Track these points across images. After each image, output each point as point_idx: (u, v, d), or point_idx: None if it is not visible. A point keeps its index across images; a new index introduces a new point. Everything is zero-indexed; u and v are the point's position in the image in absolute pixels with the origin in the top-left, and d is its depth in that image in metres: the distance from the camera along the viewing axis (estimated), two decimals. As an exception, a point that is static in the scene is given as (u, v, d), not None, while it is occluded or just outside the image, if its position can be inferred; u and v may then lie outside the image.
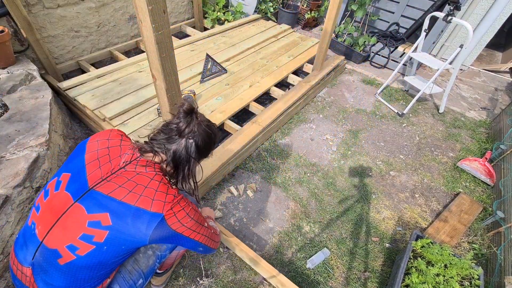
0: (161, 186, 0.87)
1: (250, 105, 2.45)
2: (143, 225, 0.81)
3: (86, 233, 0.80)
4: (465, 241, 1.85)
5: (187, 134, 0.93)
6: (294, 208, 1.93)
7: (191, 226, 0.91)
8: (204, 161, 1.93)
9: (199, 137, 0.95)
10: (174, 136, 0.94)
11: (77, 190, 0.83)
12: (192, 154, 0.96)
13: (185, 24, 3.54)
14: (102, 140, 0.93)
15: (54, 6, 2.32)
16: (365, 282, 1.61)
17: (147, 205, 0.82)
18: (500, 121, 2.64)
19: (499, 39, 4.65)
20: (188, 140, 0.94)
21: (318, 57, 2.82)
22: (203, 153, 1.02)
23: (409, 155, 2.45)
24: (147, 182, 0.86)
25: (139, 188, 0.84)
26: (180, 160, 0.95)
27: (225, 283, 1.52)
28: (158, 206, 0.83)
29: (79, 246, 0.80)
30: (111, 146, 0.92)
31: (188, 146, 0.94)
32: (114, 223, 0.80)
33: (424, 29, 2.73)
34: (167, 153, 0.93)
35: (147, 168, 0.89)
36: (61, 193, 0.84)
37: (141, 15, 0.98)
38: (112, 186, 0.83)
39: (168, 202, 0.85)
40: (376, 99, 3.05)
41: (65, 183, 0.85)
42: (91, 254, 0.81)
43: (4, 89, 1.78)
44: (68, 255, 0.80)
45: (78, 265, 0.81)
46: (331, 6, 2.33)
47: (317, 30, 4.45)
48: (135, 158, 0.90)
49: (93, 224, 0.80)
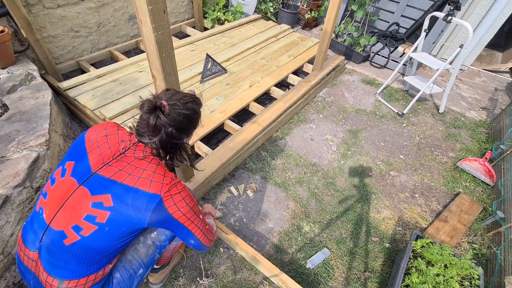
0: (158, 169, 0.91)
1: (250, 105, 2.45)
2: (142, 205, 0.86)
3: (89, 214, 0.84)
4: (465, 241, 1.85)
5: (162, 126, 0.93)
6: (294, 208, 1.93)
7: (186, 212, 0.93)
8: (204, 161, 1.95)
9: (177, 122, 0.94)
10: (153, 130, 0.94)
11: (81, 175, 0.89)
12: (177, 138, 0.97)
13: (185, 24, 3.54)
14: (100, 130, 0.98)
15: (54, 6, 2.32)
16: (365, 282, 1.61)
17: (145, 186, 0.86)
18: (500, 121, 2.64)
19: (499, 39, 4.65)
20: (167, 129, 0.93)
21: (318, 57, 2.82)
22: (189, 129, 1.03)
23: (409, 155, 2.45)
24: (145, 165, 0.91)
25: (138, 171, 0.89)
26: (169, 147, 0.98)
27: (225, 283, 1.52)
28: (156, 187, 0.87)
29: (83, 226, 0.84)
30: (109, 134, 0.97)
31: (170, 134, 0.94)
32: (115, 204, 0.85)
33: (424, 29, 2.73)
34: (155, 142, 0.95)
35: (145, 153, 0.94)
36: (67, 178, 0.89)
37: (141, 15, 0.98)
38: (114, 170, 0.88)
39: (166, 183, 0.89)
40: (376, 99, 3.05)
41: (70, 170, 0.90)
42: (94, 235, 0.85)
43: (4, 89, 1.78)
44: (73, 236, 0.84)
45: (82, 245, 0.85)
46: (331, 6, 2.33)
47: (317, 30, 4.45)
48: (133, 144, 0.95)
49: (96, 205, 0.85)
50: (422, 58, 2.77)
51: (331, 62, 3.14)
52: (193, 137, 2.01)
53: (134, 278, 1.06)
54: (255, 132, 2.17)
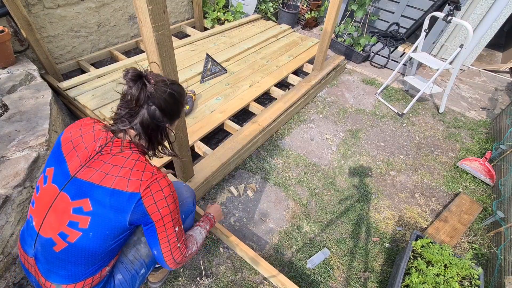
0: (137, 165, 0.85)
1: (250, 105, 2.45)
2: (121, 206, 0.81)
3: (72, 220, 0.82)
4: (465, 241, 1.85)
5: (145, 101, 0.85)
6: (294, 208, 1.93)
7: (164, 216, 0.87)
8: (204, 161, 1.95)
9: (160, 100, 0.86)
10: (134, 108, 0.86)
11: (61, 180, 0.86)
12: (159, 120, 0.89)
13: (185, 24, 3.54)
14: (75, 130, 0.93)
15: (54, 6, 2.32)
16: (365, 282, 1.61)
17: (123, 186, 0.82)
18: (500, 121, 2.64)
19: (499, 39, 4.65)
20: (149, 108, 0.86)
21: (318, 57, 2.82)
22: (172, 115, 0.95)
23: (409, 155, 2.45)
24: (123, 162, 0.85)
25: (115, 169, 0.83)
26: (151, 131, 0.90)
27: (225, 283, 1.52)
28: (135, 185, 0.82)
29: (68, 233, 0.83)
30: (84, 134, 0.91)
31: (152, 114, 0.87)
32: (94, 208, 0.81)
33: (424, 29, 2.73)
34: (134, 127, 0.88)
35: (123, 148, 0.88)
36: (48, 185, 0.87)
37: (141, 15, 0.98)
38: (91, 171, 0.84)
39: (145, 179, 0.84)
40: (376, 99, 3.05)
41: (51, 176, 0.88)
42: (80, 241, 0.83)
43: (4, 89, 1.78)
44: (61, 243, 0.83)
45: (71, 251, 0.84)
46: (331, 6, 2.33)
47: (317, 30, 4.44)
48: (109, 140, 0.89)
49: (76, 210, 0.82)
50: (422, 58, 2.77)
51: (331, 62, 3.14)
52: (193, 137, 2.02)
53: (136, 278, 1.06)
54: (255, 132, 2.17)
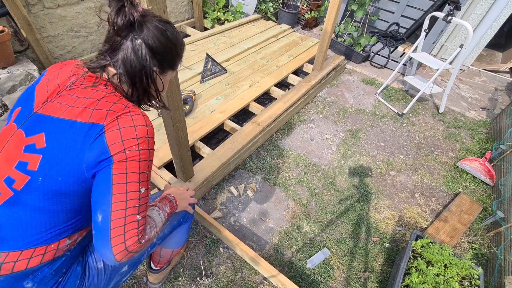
0: (108, 96, 0.72)
1: (250, 105, 2.45)
2: (79, 140, 0.67)
3: (21, 160, 0.68)
4: (465, 241, 1.85)
5: (129, 31, 0.71)
6: (294, 208, 1.93)
7: (131, 159, 0.68)
8: (204, 161, 1.95)
9: (148, 34, 0.72)
10: (116, 38, 0.72)
11: (23, 118, 0.74)
12: (145, 59, 0.74)
13: (185, 24, 3.54)
14: (55, 69, 0.81)
15: (54, 6, 2.32)
16: (365, 282, 1.62)
17: (85, 117, 0.67)
18: (500, 121, 2.64)
19: (499, 39, 4.65)
20: (134, 41, 0.71)
21: (318, 57, 2.82)
22: (163, 59, 0.78)
23: (409, 155, 2.45)
24: (91, 93, 0.71)
25: (80, 100, 0.70)
26: (134, 71, 0.74)
27: (225, 283, 1.52)
28: (99, 115, 0.68)
29: (15, 177, 0.69)
30: (62, 72, 0.79)
31: (136, 49, 0.72)
32: (48, 144, 0.68)
33: (424, 29, 2.73)
34: (115, 65, 0.74)
35: (95, 83, 0.74)
36: (9, 125, 0.75)
37: (141, 15, 0.98)
38: (54, 105, 0.71)
39: (114, 110, 0.69)
40: (376, 99, 3.05)
41: (15, 116, 0.76)
42: (27, 188, 0.68)
43: (4, 89, 1.78)
44: (6, 191, 0.69)
45: (16, 203, 0.69)
46: (331, 6, 2.33)
47: (317, 30, 4.45)
48: (82, 75, 0.76)
49: (28, 148, 0.69)
50: (422, 58, 2.77)
51: (331, 62, 3.14)
52: (193, 137, 2.02)
53: (116, 274, 0.95)
54: (255, 132, 2.17)
